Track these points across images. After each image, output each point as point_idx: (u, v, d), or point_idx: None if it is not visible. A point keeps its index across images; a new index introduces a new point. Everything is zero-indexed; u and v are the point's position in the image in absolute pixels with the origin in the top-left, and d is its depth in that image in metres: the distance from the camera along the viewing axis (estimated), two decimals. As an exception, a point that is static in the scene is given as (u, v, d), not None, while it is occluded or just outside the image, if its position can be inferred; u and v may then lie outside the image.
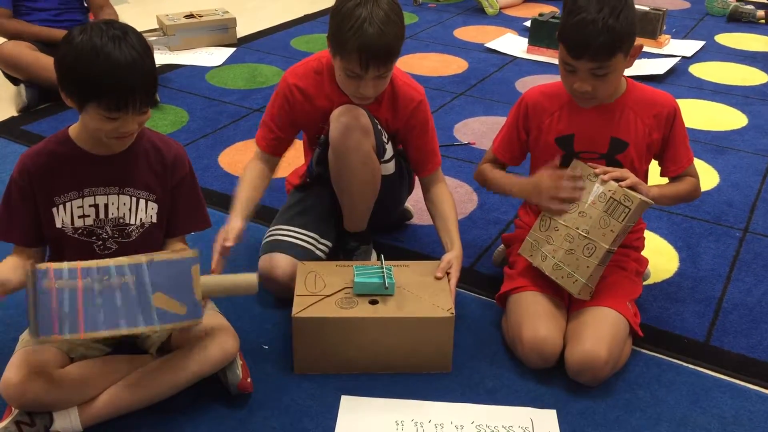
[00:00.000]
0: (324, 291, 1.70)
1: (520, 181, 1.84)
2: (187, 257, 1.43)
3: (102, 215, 1.53)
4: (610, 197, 1.66)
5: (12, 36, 3.09)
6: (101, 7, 3.24)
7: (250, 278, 1.50)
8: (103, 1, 3.27)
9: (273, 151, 1.95)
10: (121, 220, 1.55)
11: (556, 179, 1.72)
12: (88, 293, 1.36)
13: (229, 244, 1.65)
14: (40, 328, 1.33)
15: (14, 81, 3.16)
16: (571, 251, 1.70)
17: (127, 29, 1.40)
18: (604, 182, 1.67)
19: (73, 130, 1.52)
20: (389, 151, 1.91)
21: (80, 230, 1.53)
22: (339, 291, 1.71)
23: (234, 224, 1.71)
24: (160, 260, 1.41)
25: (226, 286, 1.51)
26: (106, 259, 1.40)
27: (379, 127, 1.86)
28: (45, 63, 2.90)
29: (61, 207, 1.51)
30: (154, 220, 1.58)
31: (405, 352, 1.68)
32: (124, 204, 1.54)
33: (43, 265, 1.35)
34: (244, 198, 1.81)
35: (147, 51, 1.41)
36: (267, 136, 1.93)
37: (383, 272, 1.71)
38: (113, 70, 1.35)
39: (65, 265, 1.37)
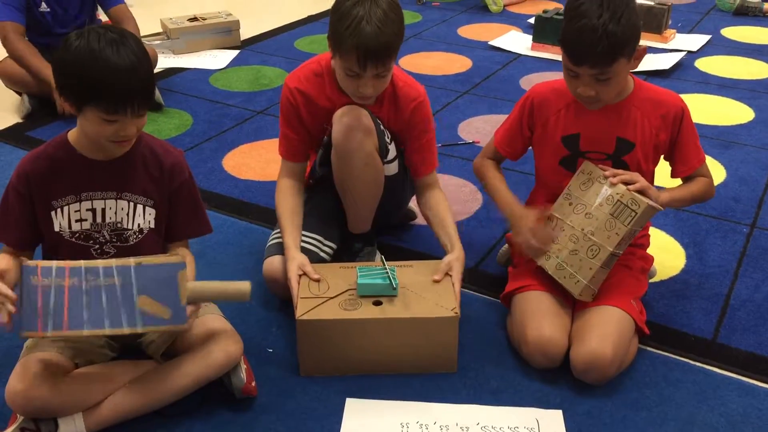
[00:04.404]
0: (328, 293, 1.70)
1: (511, 207, 1.83)
2: (174, 263, 1.45)
3: (99, 219, 1.54)
4: (618, 200, 1.64)
5: (14, 58, 3.01)
6: (120, 22, 3.12)
7: (241, 285, 1.47)
8: (122, 16, 3.15)
9: (297, 158, 1.94)
10: (119, 225, 1.55)
11: (535, 228, 1.74)
12: (74, 292, 1.39)
13: (317, 276, 1.74)
14: (24, 323, 1.37)
15: (17, 91, 3.15)
16: (575, 252, 1.69)
17: (124, 33, 1.41)
18: (612, 185, 1.66)
19: (72, 134, 1.53)
20: (392, 151, 1.91)
21: (77, 234, 1.53)
22: (343, 293, 1.70)
23: (301, 259, 1.77)
24: (147, 264, 1.43)
25: (215, 292, 1.51)
26: (96, 260, 1.43)
27: (382, 127, 1.86)
28: (47, 75, 2.87)
29: (59, 210, 1.52)
30: (152, 225, 1.58)
31: (410, 352, 1.68)
32: (122, 209, 1.54)
33: (32, 263, 1.38)
34: (291, 230, 1.84)
35: (144, 54, 1.42)
36: (285, 144, 1.93)
37: (387, 273, 1.71)
38: (112, 73, 1.36)
39: (53, 264, 1.40)
